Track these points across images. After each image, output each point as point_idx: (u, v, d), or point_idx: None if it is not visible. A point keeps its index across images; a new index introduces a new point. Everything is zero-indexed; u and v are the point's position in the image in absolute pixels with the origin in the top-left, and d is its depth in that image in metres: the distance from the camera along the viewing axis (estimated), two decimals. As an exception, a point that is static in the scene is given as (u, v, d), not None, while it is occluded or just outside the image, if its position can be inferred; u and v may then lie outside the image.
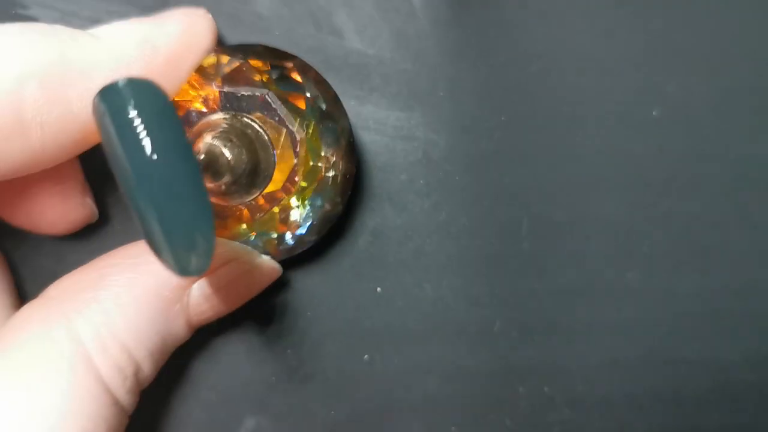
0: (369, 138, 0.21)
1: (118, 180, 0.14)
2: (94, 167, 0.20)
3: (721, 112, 0.21)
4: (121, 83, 0.13)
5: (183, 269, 0.13)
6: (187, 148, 0.13)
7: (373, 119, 0.21)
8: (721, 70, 0.21)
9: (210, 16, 0.18)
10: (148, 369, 0.17)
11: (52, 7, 0.20)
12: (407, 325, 0.21)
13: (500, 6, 0.21)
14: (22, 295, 0.20)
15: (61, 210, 0.19)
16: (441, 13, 0.21)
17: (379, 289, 0.21)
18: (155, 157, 0.13)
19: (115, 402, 0.16)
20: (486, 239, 0.21)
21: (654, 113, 0.21)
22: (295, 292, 0.21)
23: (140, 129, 0.13)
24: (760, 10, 0.21)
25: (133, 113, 0.13)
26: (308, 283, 0.21)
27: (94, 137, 0.16)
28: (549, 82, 0.21)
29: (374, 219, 0.21)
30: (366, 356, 0.21)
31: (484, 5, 0.21)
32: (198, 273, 0.14)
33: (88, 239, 0.21)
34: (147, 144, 0.13)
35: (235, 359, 0.21)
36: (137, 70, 0.16)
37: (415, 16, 0.21)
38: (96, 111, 0.13)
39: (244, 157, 0.18)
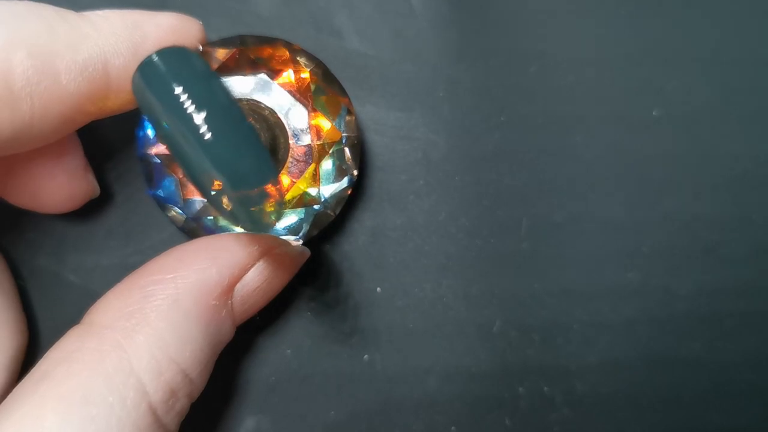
0: (369, 138, 0.21)
1: (172, 151, 0.14)
2: (92, 143, 0.20)
3: (721, 112, 0.21)
4: (155, 56, 0.13)
5: (261, 224, 0.14)
6: (231, 101, 0.14)
7: (372, 119, 0.21)
8: (721, 70, 0.21)
9: (201, 22, 0.18)
10: (201, 384, 0.17)
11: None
12: (407, 325, 0.21)
13: (500, 6, 0.21)
14: (22, 296, 0.20)
15: (63, 187, 0.19)
16: (440, 13, 0.21)
17: (379, 289, 0.21)
18: (209, 134, 0.13)
19: (162, 427, 0.16)
20: (485, 239, 0.21)
21: (654, 113, 0.21)
22: (295, 292, 0.21)
23: (185, 101, 0.13)
24: (760, 10, 0.21)
25: (175, 87, 0.13)
26: (308, 283, 0.21)
27: (81, 116, 0.16)
28: (549, 82, 0.21)
29: (374, 219, 0.21)
30: (366, 356, 0.21)
31: (484, 5, 0.21)
32: (275, 224, 0.15)
33: (88, 238, 0.21)
34: (197, 116, 0.13)
35: (235, 359, 0.21)
36: (125, 51, 0.16)
37: (414, 17, 0.21)
38: (136, 88, 0.14)
39: (264, 134, 0.18)
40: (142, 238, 0.21)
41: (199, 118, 0.13)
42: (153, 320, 0.16)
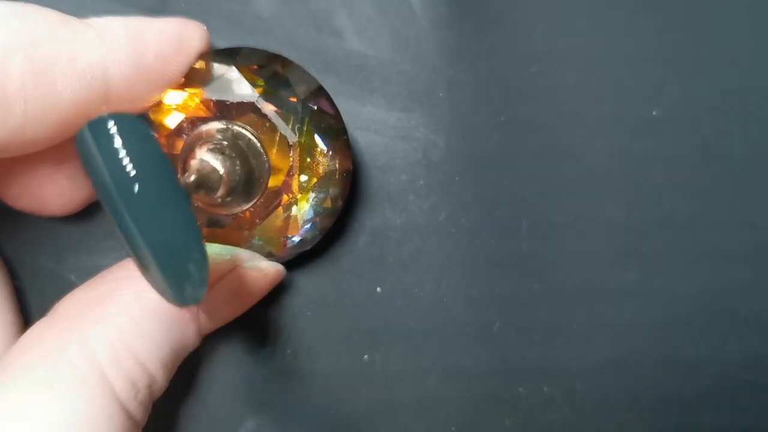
0: (369, 138, 0.21)
1: (106, 210, 0.14)
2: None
3: (721, 112, 0.21)
4: (107, 117, 0.13)
5: (179, 299, 0.14)
6: (172, 179, 0.14)
7: (372, 120, 0.21)
8: (721, 70, 0.21)
9: (204, 27, 0.18)
10: (161, 380, 0.17)
11: (52, 6, 0.20)
12: (407, 325, 0.21)
13: (500, 6, 0.21)
14: (21, 296, 0.20)
15: (64, 190, 0.19)
16: (440, 13, 0.21)
17: (379, 289, 0.21)
18: (140, 190, 0.13)
19: (129, 417, 0.16)
20: (486, 239, 0.21)
21: (654, 113, 0.21)
22: (295, 292, 0.21)
23: (126, 163, 0.13)
24: (760, 10, 0.21)
25: (119, 146, 0.13)
26: (308, 283, 0.21)
27: (75, 123, 0.16)
28: (549, 82, 0.21)
29: (374, 219, 0.21)
30: (366, 356, 0.21)
31: (483, 5, 0.21)
32: (195, 302, 0.14)
33: (87, 238, 0.21)
34: (133, 179, 0.13)
35: (236, 359, 0.21)
36: (126, 61, 0.16)
37: (414, 17, 0.21)
38: (81, 142, 0.13)
39: (237, 168, 0.18)
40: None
41: (132, 182, 0.13)
42: (115, 313, 0.17)
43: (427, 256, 0.21)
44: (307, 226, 0.19)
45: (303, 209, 0.19)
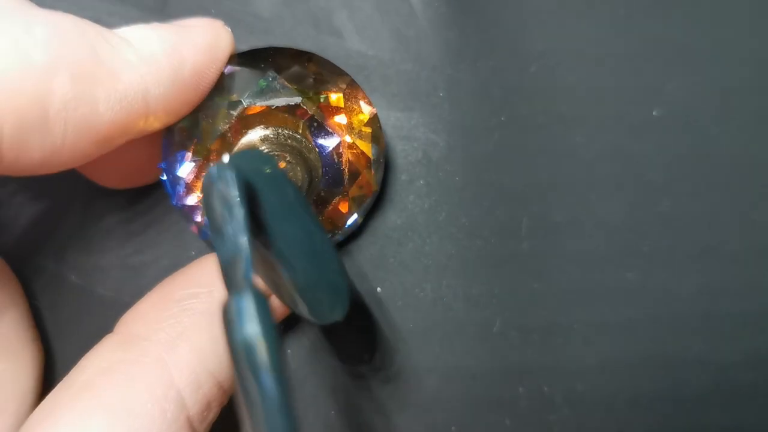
0: (369, 138, 0.21)
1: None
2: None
3: (721, 112, 0.21)
4: (232, 170, 0.13)
5: (330, 319, 0.16)
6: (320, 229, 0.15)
7: (372, 119, 0.21)
8: (721, 70, 0.21)
9: (229, 29, 0.18)
10: (232, 392, 0.18)
11: (52, 7, 0.20)
12: (407, 325, 0.21)
13: (500, 6, 0.21)
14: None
15: (140, 168, 0.19)
16: (441, 13, 0.21)
17: (379, 289, 0.21)
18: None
19: None
20: (486, 239, 0.21)
21: (654, 113, 0.21)
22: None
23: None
24: (761, 10, 0.21)
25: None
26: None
27: (113, 142, 0.16)
28: (549, 82, 0.21)
29: (374, 219, 0.21)
30: (366, 356, 0.21)
31: (484, 5, 0.21)
32: (341, 317, 0.16)
33: (89, 238, 0.21)
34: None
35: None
36: (165, 80, 0.16)
37: (414, 17, 0.21)
38: (213, 192, 0.13)
39: (300, 170, 0.18)
40: (143, 238, 0.21)
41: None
42: (193, 334, 0.17)
43: (427, 256, 0.21)
44: (353, 214, 0.19)
45: (350, 202, 0.19)
